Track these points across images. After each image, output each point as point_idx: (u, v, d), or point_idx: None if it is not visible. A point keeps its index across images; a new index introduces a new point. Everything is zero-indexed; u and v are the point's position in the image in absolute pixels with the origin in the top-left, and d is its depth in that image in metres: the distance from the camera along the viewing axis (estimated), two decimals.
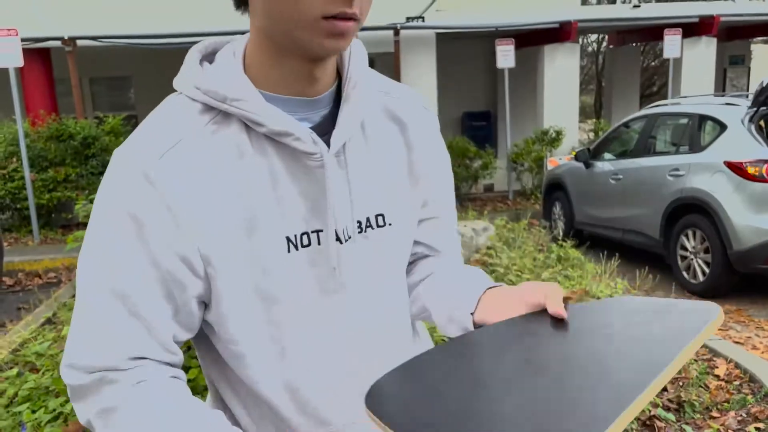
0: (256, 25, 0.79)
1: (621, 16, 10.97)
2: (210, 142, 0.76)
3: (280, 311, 0.79)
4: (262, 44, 0.78)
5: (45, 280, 6.35)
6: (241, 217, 0.76)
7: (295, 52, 0.76)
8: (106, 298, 0.74)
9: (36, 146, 8.21)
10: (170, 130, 0.77)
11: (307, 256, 0.79)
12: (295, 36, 0.73)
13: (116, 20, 9.56)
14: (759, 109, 5.17)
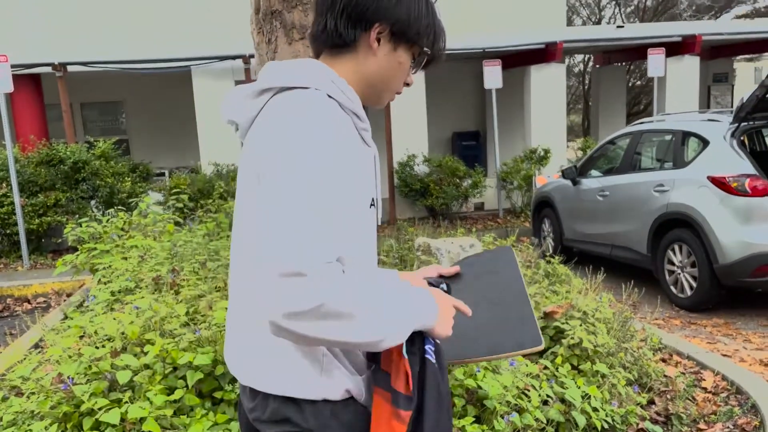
0: (356, 68, 1.21)
1: (605, 37, 11.16)
2: (352, 128, 1.16)
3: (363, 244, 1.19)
4: (356, 79, 1.21)
5: (34, 305, 6.31)
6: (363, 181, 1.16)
7: (364, 96, 1.24)
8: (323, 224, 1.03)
9: (26, 171, 8.21)
10: (338, 112, 1.13)
11: (372, 212, 1.21)
12: (378, 91, 1.24)
13: (106, 45, 9.64)
14: (740, 125, 5.27)
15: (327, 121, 1.08)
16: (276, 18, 2.53)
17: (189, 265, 3.68)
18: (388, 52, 1.19)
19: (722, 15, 16.54)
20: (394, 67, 1.20)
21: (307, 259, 0.98)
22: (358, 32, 1.18)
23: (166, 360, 2.36)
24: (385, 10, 1.16)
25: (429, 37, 1.21)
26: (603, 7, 19.49)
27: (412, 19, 1.18)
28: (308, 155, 1.04)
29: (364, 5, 1.17)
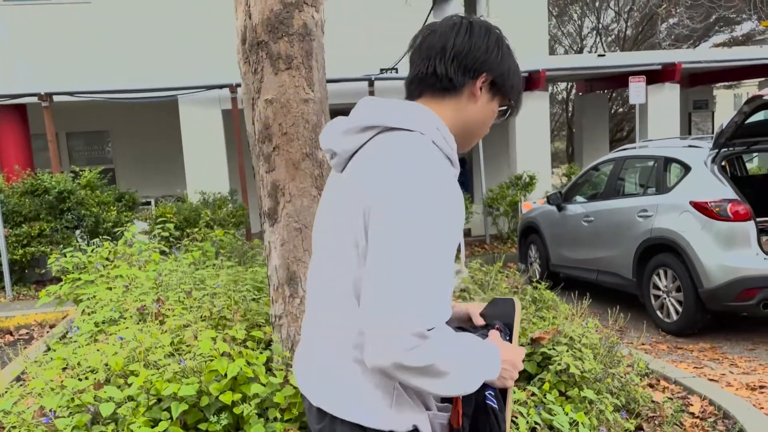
0: (456, 114, 1.30)
1: (587, 65, 11.38)
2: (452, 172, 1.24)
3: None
4: (454, 122, 1.30)
5: (16, 336, 6.21)
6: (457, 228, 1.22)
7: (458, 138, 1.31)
8: (441, 277, 1.12)
9: (10, 201, 8.15)
10: (442, 159, 1.22)
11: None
12: (471, 139, 1.36)
13: (93, 75, 9.67)
14: (720, 151, 5.37)
15: (438, 171, 1.17)
16: (262, 48, 2.57)
17: (174, 294, 3.65)
18: (487, 100, 1.32)
19: (701, 44, 16.95)
20: (489, 114, 1.33)
21: (431, 322, 1.08)
22: (466, 79, 1.28)
23: (150, 391, 2.33)
24: (492, 63, 1.29)
25: (518, 91, 1.36)
26: (584, 36, 19.90)
27: (510, 74, 1.32)
28: (428, 207, 1.12)
29: (476, 56, 1.27)
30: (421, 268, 1.09)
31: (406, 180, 1.13)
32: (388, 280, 1.08)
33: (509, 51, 1.33)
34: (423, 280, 1.08)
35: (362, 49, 10.01)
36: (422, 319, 1.07)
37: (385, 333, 1.08)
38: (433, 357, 1.09)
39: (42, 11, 9.81)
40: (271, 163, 2.59)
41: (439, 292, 1.11)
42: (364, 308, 1.12)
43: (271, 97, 2.56)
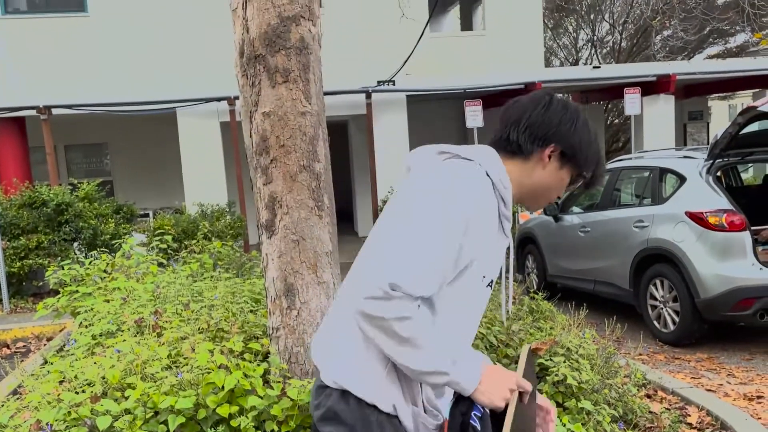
0: (527, 175, 1.45)
1: (582, 77, 11.45)
2: (494, 202, 1.40)
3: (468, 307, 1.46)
4: (521, 181, 1.46)
5: (13, 350, 6.18)
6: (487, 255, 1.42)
7: (521, 196, 1.49)
8: (435, 255, 1.28)
9: (8, 214, 8.14)
10: (490, 189, 1.39)
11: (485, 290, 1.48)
12: (538, 199, 1.51)
13: (91, 88, 9.71)
14: (715, 161, 5.40)
15: (475, 187, 1.35)
16: (260, 62, 2.59)
17: (172, 306, 3.65)
18: (555, 169, 1.45)
19: (695, 55, 17.07)
20: (557, 181, 1.47)
21: (407, 285, 1.26)
22: (535, 147, 1.43)
23: (147, 404, 2.33)
24: (562, 135, 1.43)
25: (592, 165, 1.47)
26: (580, 48, 20.03)
27: (582, 146, 1.44)
28: (448, 200, 1.31)
29: (547, 128, 1.42)
30: (411, 241, 1.29)
31: (440, 183, 1.34)
32: (386, 245, 1.32)
33: (585, 127, 1.45)
34: (418, 253, 1.28)
35: (359, 61, 10.07)
36: (397, 277, 1.25)
37: (365, 280, 1.29)
38: (391, 316, 1.26)
39: (41, 24, 9.87)
40: (268, 175, 2.61)
41: (428, 271, 1.28)
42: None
43: (268, 110, 2.58)
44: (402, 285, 1.26)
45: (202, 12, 9.68)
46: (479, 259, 1.38)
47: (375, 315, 1.27)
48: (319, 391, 1.44)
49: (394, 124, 10.50)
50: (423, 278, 1.28)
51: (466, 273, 1.37)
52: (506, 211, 1.43)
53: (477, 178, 1.37)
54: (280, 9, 2.56)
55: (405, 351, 1.29)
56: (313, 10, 2.67)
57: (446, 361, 1.30)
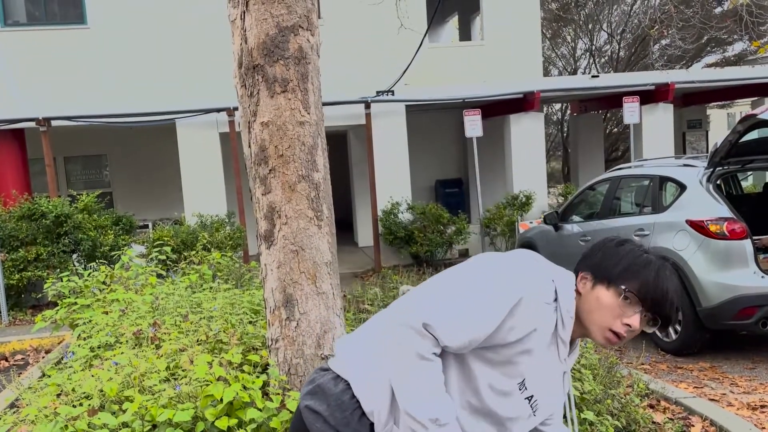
0: (579, 304, 1.51)
1: (581, 86, 11.48)
2: (552, 315, 1.46)
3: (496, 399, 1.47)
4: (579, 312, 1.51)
5: (12, 362, 6.15)
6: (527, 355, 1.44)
7: (581, 329, 1.53)
8: (478, 316, 1.37)
9: (7, 226, 8.12)
10: (550, 295, 1.46)
11: (521, 398, 1.49)
12: (589, 327, 1.50)
13: (90, 100, 9.72)
14: (715, 170, 5.39)
15: (536, 286, 1.43)
16: (258, 72, 2.58)
17: (171, 318, 3.63)
18: (588, 291, 1.50)
19: (693, 64, 17.13)
20: (592, 301, 1.49)
21: (440, 333, 1.36)
22: (576, 279, 1.54)
23: (145, 417, 2.30)
24: (587, 262, 1.55)
25: (626, 279, 1.46)
26: (578, 58, 20.10)
27: (606, 265, 1.50)
28: (517, 276, 1.43)
29: (579, 263, 1.57)
30: (467, 294, 1.41)
31: (521, 259, 1.51)
32: (435, 289, 1.46)
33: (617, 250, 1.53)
34: (458, 303, 1.39)
35: (358, 72, 10.10)
36: (436, 319, 1.36)
37: (415, 307, 1.40)
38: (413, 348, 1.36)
39: (40, 36, 9.90)
40: (267, 185, 2.60)
41: (460, 320, 1.37)
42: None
43: (267, 120, 2.58)
44: (435, 328, 1.36)
45: (201, 23, 9.71)
46: (521, 356, 1.43)
47: (402, 338, 1.38)
48: (317, 372, 1.58)
49: (394, 134, 10.51)
50: (455, 330, 1.37)
51: (502, 356, 1.42)
52: (563, 334, 1.48)
53: (541, 285, 1.45)
54: (278, 19, 2.56)
55: (403, 385, 1.38)
56: (311, 20, 2.66)
57: (431, 415, 1.35)
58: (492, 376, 1.44)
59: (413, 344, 1.36)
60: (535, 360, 1.45)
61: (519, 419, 1.51)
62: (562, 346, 1.49)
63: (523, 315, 1.39)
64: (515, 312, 1.38)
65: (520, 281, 1.42)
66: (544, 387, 1.51)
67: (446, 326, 1.36)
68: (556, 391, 1.55)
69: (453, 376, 1.44)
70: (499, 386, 1.45)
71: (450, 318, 1.37)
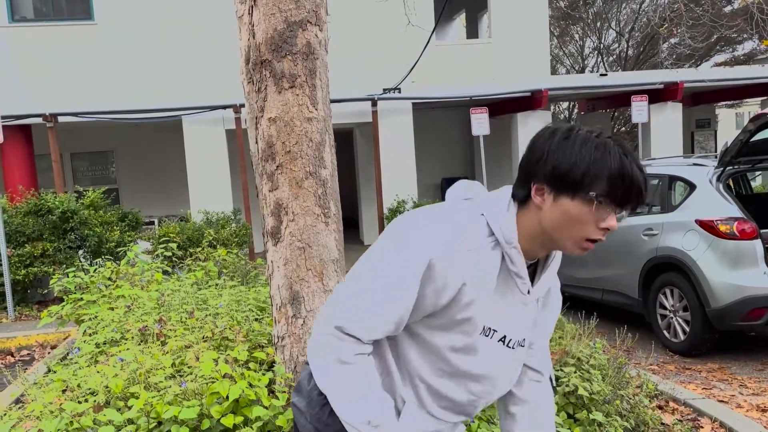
0: (535, 218, 1.30)
1: (589, 84, 11.42)
2: (488, 255, 1.30)
3: (456, 356, 1.36)
4: (531, 227, 1.31)
5: (18, 358, 6.16)
6: (475, 305, 1.30)
7: (549, 244, 1.32)
8: (388, 299, 1.26)
9: (13, 222, 8.14)
10: (475, 237, 1.29)
11: (484, 341, 1.36)
12: (563, 242, 1.29)
13: (97, 96, 9.73)
14: (725, 169, 5.34)
15: (446, 239, 1.26)
16: (266, 67, 2.56)
17: (176, 314, 3.62)
18: (550, 205, 1.28)
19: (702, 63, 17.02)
20: (558, 216, 1.27)
21: (349, 327, 1.28)
22: (525, 191, 1.32)
23: (151, 414, 2.29)
24: (537, 169, 1.29)
25: (593, 183, 1.23)
26: (586, 56, 20.01)
27: (562, 171, 1.25)
28: (410, 248, 1.27)
29: (526, 168, 1.32)
30: (367, 284, 1.29)
31: (408, 221, 1.32)
32: (346, 286, 1.34)
33: (565, 145, 1.26)
34: (362, 296, 1.29)
35: (365, 69, 10.07)
36: (346, 319, 1.28)
37: (326, 311, 1.33)
38: (332, 354, 1.29)
39: (47, 32, 9.91)
40: (274, 182, 2.57)
41: (369, 312, 1.28)
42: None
43: (274, 116, 2.55)
44: (349, 328, 1.28)
45: (207, 20, 9.70)
46: (467, 310, 1.30)
47: (322, 351, 1.32)
48: (304, 366, 1.57)
49: (400, 131, 10.48)
50: (369, 323, 1.28)
51: (448, 318, 1.31)
52: (514, 268, 1.32)
53: (465, 226, 1.30)
54: (286, 14, 2.54)
55: (332, 391, 1.33)
56: (320, 15, 2.64)
57: (363, 418, 1.29)
58: (449, 338, 1.33)
59: (333, 350, 1.29)
60: (488, 305, 1.32)
61: (500, 369, 1.41)
62: (520, 281, 1.34)
63: (442, 275, 1.25)
64: (430, 276, 1.25)
65: (425, 242, 1.26)
66: (515, 324, 1.38)
67: (359, 323, 1.27)
68: (529, 324, 1.42)
69: (413, 352, 1.36)
70: (461, 345, 1.34)
71: (360, 313, 1.28)
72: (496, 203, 1.33)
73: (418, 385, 1.38)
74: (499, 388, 1.45)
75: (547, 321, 1.52)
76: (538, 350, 1.53)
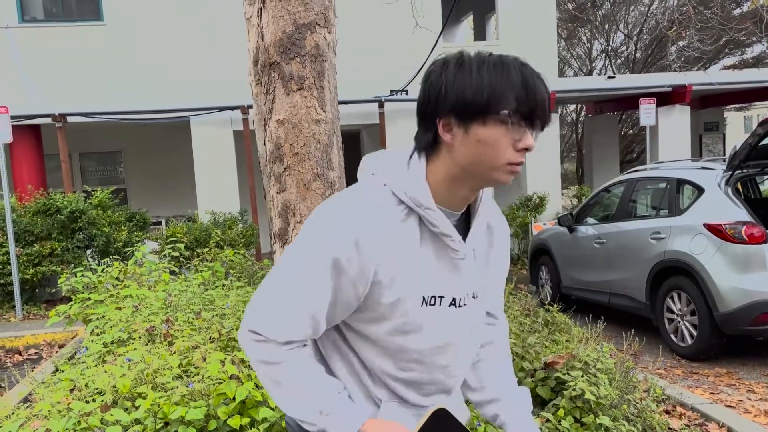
0: (450, 159, 1.20)
1: (597, 87, 11.38)
2: (399, 227, 1.19)
3: (407, 338, 1.26)
4: (448, 172, 1.21)
5: (25, 356, 6.20)
6: (404, 279, 1.20)
7: (473, 183, 1.21)
8: (297, 298, 1.19)
9: (22, 221, 8.19)
10: (379, 214, 1.19)
11: (431, 311, 1.26)
12: (488, 173, 1.19)
13: (106, 96, 9.78)
14: (734, 173, 5.31)
15: (346, 230, 1.17)
16: (274, 69, 2.57)
17: (183, 315, 3.63)
18: (462, 138, 1.17)
19: (711, 66, 16.94)
20: (474, 147, 1.17)
21: (263, 329, 1.22)
22: (431, 134, 1.21)
23: (158, 415, 2.30)
24: (439, 105, 1.18)
25: (500, 102, 1.15)
26: (594, 58, 19.96)
27: (468, 99, 1.16)
28: (313, 243, 1.20)
29: (425, 110, 1.21)
30: (275, 284, 1.24)
31: (314, 219, 1.24)
32: (260, 288, 1.28)
33: (462, 73, 1.17)
34: (270, 296, 1.23)
35: (372, 71, 10.08)
36: (257, 322, 1.23)
37: (244, 321, 1.27)
38: (258, 359, 1.25)
39: (57, 33, 9.97)
40: (282, 184, 2.58)
41: (277, 311, 1.22)
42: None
43: (282, 118, 2.56)
44: (265, 332, 1.22)
45: (215, 21, 9.73)
46: (393, 287, 1.20)
47: (248, 355, 1.27)
48: None
49: (407, 133, 10.44)
50: (283, 326, 1.22)
51: (374, 307, 1.23)
52: (437, 229, 1.21)
53: (351, 200, 1.21)
54: (295, 16, 2.55)
55: (272, 390, 1.27)
56: (328, 18, 2.65)
57: (312, 411, 1.23)
58: (395, 324, 1.24)
59: (255, 354, 1.24)
60: (421, 276, 1.22)
61: (459, 329, 1.31)
62: (448, 239, 1.22)
63: (351, 265, 1.17)
64: (340, 269, 1.17)
65: (327, 239, 1.17)
66: (461, 281, 1.28)
67: (269, 324, 1.22)
68: (477, 273, 1.32)
69: (371, 352, 1.28)
70: (409, 327, 1.24)
71: (269, 314, 1.22)
72: (395, 167, 1.22)
73: (391, 384, 1.31)
74: (465, 347, 1.36)
75: (499, 259, 1.40)
76: (491, 295, 1.42)
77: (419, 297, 1.23)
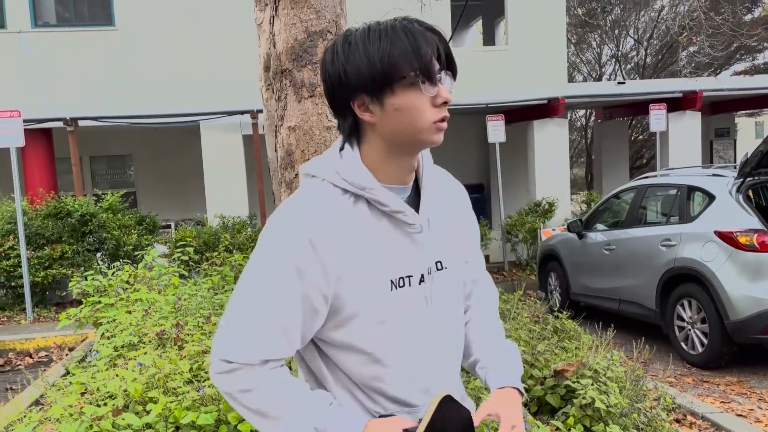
0: (377, 136, 1.19)
1: (606, 92, 11.35)
2: (349, 217, 1.17)
3: (385, 329, 1.20)
4: (380, 149, 1.20)
5: (36, 359, 6.24)
6: (367, 267, 1.17)
7: (409, 150, 1.20)
8: (265, 314, 1.15)
9: (33, 224, 8.26)
10: (324, 207, 1.16)
11: (402, 293, 1.21)
12: (418, 138, 1.18)
13: (117, 100, 9.85)
14: (745, 180, 5.28)
15: (297, 237, 1.14)
16: (286, 76, 2.58)
17: (193, 319, 3.65)
18: (380, 111, 1.16)
19: (722, 71, 16.86)
20: (394, 117, 1.16)
21: (232, 354, 1.16)
22: (350, 117, 1.20)
23: (169, 419, 2.31)
24: (346, 90, 1.17)
25: (401, 67, 1.13)
26: (604, 64, 19.90)
27: (369, 74, 1.14)
28: (268, 256, 1.16)
29: (334, 98, 1.20)
30: (237, 306, 1.18)
31: (264, 231, 1.21)
32: (225, 313, 1.23)
33: (354, 50, 1.15)
34: (235, 319, 1.18)
35: None
36: (227, 349, 1.17)
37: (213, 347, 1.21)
38: (234, 389, 1.18)
39: (68, 37, 10.06)
40: (292, 190, 2.59)
41: (246, 332, 1.17)
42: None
43: (294, 125, 2.57)
44: (236, 359, 1.16)
45: (226, 26, 9.79)
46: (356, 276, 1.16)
47: (222, 391, 1.20)
48: None
49: None
50: (259, 342, 1.16)
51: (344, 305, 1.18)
52: (387, 208, 1.18)
53: (294, 206, 1.18)
54: (307, 24, 2.56)
55: (258, 423, 1.19)
56: (340, 25, 2.66)
57: (307, 429, 1.16)
58: (364, 319, 1.19)
59: (234, 385, 1.17)
60: (382, 260, 1.18)
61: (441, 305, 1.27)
62: (402, 215, 1.19)
63: (313, 268, 1.13)
64: (303, 275, 1.13)
65: (279, 249, 1.15)
66: (425, 254, 1.24)
67: (240, 348, 1.15)
68: (441, 240, 1.28)
69: (354, 361, 1.22)
70: (382, 316, 1.19)
71: (238, 337, 1.16)
72: (329, 162, 1.21)
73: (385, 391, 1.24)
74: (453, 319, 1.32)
75: (461, 221, 1.37)
76: (465, 259, 1.38)
77: (387, 281, 1.19)
